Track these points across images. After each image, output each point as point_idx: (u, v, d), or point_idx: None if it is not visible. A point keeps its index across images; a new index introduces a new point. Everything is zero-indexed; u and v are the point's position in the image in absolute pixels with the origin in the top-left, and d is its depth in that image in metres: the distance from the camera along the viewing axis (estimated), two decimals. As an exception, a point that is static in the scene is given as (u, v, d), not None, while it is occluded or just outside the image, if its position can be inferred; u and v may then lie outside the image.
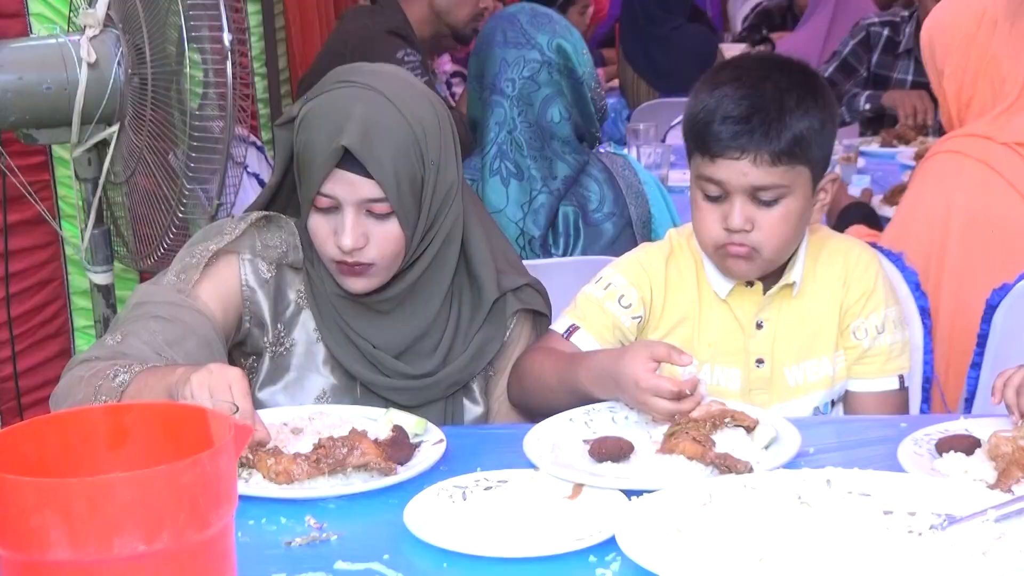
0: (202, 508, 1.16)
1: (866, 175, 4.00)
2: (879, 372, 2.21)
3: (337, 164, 2.01)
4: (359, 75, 2.08)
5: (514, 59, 2.86)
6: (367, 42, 3.83)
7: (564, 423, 1.98)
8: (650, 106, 5.41)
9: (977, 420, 1.92)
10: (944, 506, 1.57)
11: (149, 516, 1.13)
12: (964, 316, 2.60)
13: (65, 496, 1.11)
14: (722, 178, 2.06)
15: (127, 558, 1.13)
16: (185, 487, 1.15)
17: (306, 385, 2.19)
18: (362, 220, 2.04)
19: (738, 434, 1.86)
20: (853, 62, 5.07)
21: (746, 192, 2.06)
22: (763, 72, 2.10)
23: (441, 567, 1.56)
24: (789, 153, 2.04)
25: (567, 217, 2.89)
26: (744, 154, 2.03)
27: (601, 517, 1.64)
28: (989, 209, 2.61)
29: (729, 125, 2.03)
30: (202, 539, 1.17)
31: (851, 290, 2.19)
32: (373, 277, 2.09)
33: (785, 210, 2.07)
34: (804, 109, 2.05)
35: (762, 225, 2.07)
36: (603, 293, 2.22)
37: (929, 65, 2.80)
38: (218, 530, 1.20)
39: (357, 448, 1.81)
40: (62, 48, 2.72)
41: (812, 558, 1.46)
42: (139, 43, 2.77)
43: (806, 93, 2.07)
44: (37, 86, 2.69)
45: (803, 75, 2.12)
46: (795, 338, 2.19)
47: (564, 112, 2.89)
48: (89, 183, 2.94)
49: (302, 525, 1.70)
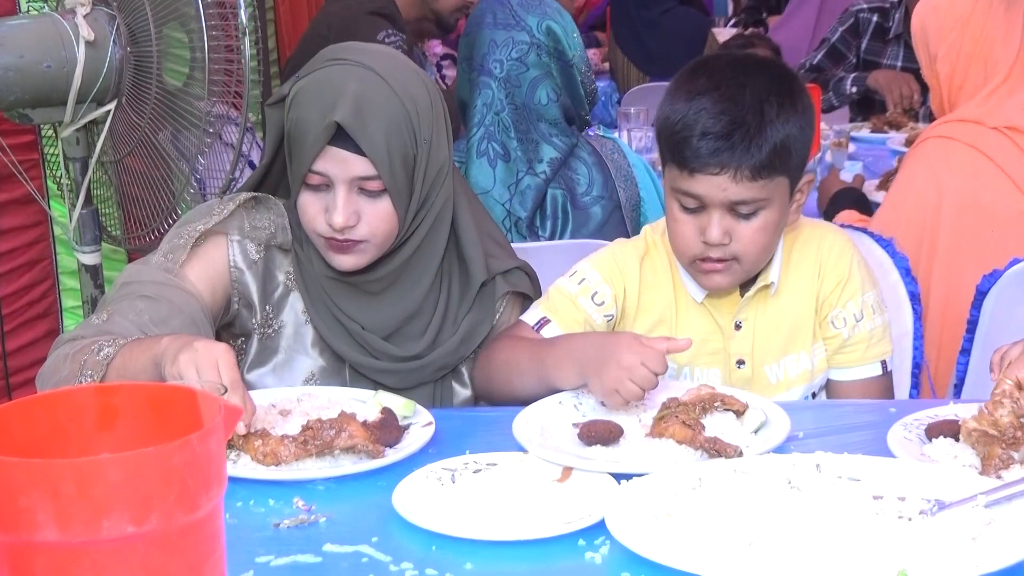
0: (192, 489, 1.15)
1: (858, 161, 4.00)
2: (861, 359, 2.19)
3: (329, 141, 2.00)
4: (351, 53, 2.08)
5: (503, 40, 2.85)
6: (349, 23, 3.83)
7: (554, 406, 1.97)
8: (640, 90, 5.40)
9: (967, 405, 1.91)
10: (934, 491, 1.56)
11: (138, 497, 1.12)
12: (955, 301, 2.60)
13: (53, 477, 1.10)
14: (700, 192, 2.02)
15: (116, 539, 1.12)
16: (175, 468, 1.14)
17: (294, 367, 2.18)
18: (354, 198, 2.03)
19: (728, 418, 1.86)
20: (842, 48, 5.07)
21: (724, 206, 2.02)
22: (740, 78, 2.03)
23: (430, 550, 1.56)
24: (769, 166, 1.99)
25: (555, 200, 2.88)
26: (724, 170, 1.99)
27: (590, 501, 1.64)
28: (979, 195, 2.61)
29: (709, 141, 1.98)
30: (191, 521, 1.17)
31: (826, 280, 2.17)
32: (362, 254, 2.08)
33: (764, 221, 2.04)
34: (784, 118, 2.00)
35: (740, 237, 2.04)
36: (577, 288, 2.19)
37: (921, 50, 2.79)
38: (207, 512, 1.19)
39: (345, 430, 1.80)
40: (57, 26, 2.69)
41: (802, 542, 1.46)
42: (130, 21, 2.75)
43: (785, 99, 2.03)
44: (37, 65, 2.66)
45: (781, 78, 2.08)
46: (774, 336, 2.17)
47: (552, 94, 2.88)
48: (78, 163, 2.93)
49: (290, 507, 1.70)
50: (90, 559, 1.13)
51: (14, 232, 3.16)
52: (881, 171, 3.83)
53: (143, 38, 2.76)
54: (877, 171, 3.88)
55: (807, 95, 2.10)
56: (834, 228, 2.27)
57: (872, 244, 2.55)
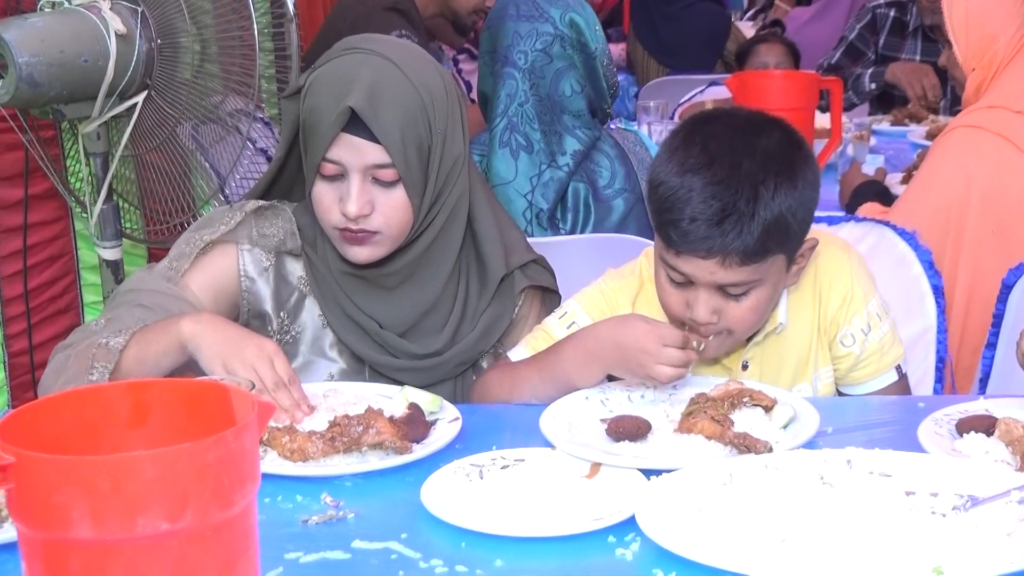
0: (226, 486, 1.15)
1: (879, 154, 3.99)
2: (876, 371, 2.15)
3: (343, 129, 2.00)
4: (367, 43, 2.08)
5: (527, 31, 2.84)
6: (364, 18, 3.84)
7: (580, 402, 1.96)
8: (659, 83, 5.38)
9: (997, 400, 1.91)
10: (967, 487, 1.55)
11: (173, 494, 1.11)
12: (980, 294, 2.59)
13: (88, 474, 1.10)
14: (687, 272, 1.93)
15: (150, 536, 1.11)
16: (209, 465, 1.13)
17: (314, 370, 2.18)
18: (368, 187, 2.03)
19: (756, 413, 1.85)
20: (860, 46, 5.04)
21: (713, 286, 1.94)
22: (738, 153, 1.91)
23: (459, 546, 1.55)
24: (761, 251, 1.90)
25: (577, 193, 2.87)
26: (711, 255, 1.89)
27: (619, 497, 1.63)
28: (1008, 186, 2.59)
29: (698, 226, 1.88)
30: (226, 518, 1.16)
31: (827, 301, 2.10)
32: (378, 246, 2.07)
33: (755, 301, 1.96)
34: (782, 195, 1.89)
35: (730, 316, 1.96)
36: (564, 332, 2.10)
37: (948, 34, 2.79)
38: (241, 509, 1.18)
39: (372, 426, 1.79)
40: (89, 20, 2.69)
41: (835, 539, 1.45)
42: (156, 14, 2.75)
43: (784, 175, 1.91)
44: (76, 59, 2.65)
45: (781, 146, 1.95)
46: (781, 371, 2.12)
47: (577, 86, 2.87)
48: (99, 158, 2.93)
49: (318, 503, 1.69)
50: (125, 556, 1.12)
51: (36, 227, 3.16)
52: (903, 164, 3.81)
53: (167, 30, 2.75)
54: (899, 164, 3.87)
55: (812, 163, 1.99)
56: (826, 235, 2.15)
57: (895, 237, 2.53)
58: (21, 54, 2.54)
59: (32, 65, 2.56)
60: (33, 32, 2.58)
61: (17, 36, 2.55)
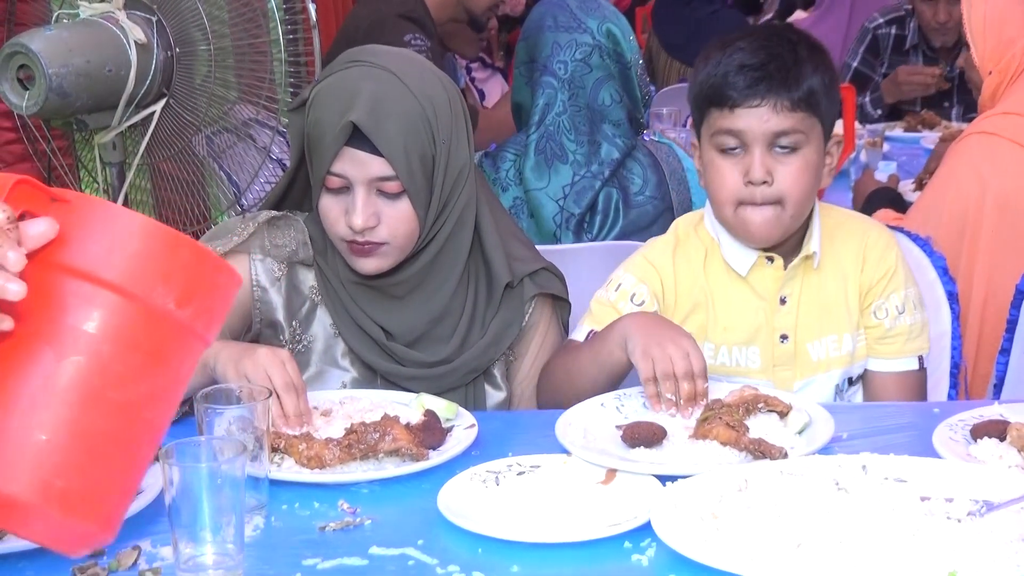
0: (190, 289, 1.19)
1: (892, 160, 3.98)
2: (899, 352, 2.21)
3: (347, 142, 2.01)
4: (369, 55, 2.09)
5: (566, 42, 2.87)
6: (377, 25, 3.84)
7: (595, 408, 1.97)
8: (672, 90, 5.37)
9: (1012, 406, 1.91)
10: (982, 492, 1.56)
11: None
12: (994, 300, 2.59)
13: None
14: (741, 127, 2.07)
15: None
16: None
17: (327, 380, 2.18)
18: (373, 200, 2.04)
19: (771, 419, 1.85)
20: (866, 71, 4.99)
21: (766, 141, 2.07)
22: (772, 31, 2.20)
23: (476, 552, 1.56)
24: (806, 100, 2.06)
25: (609, 197, 2.89)
26: (764, 100, 2.06)
27: (635, 502, 1.64)
28: (1022, 191, 2.59)
29: (747, 73, 2.06)
30: (179, 317, 1.18)
31: (870, 270, 2.19)
32: (385, 257, 2.08)
33: (803, 160, 2.08)
34: (815, 64, 2.09)
35: (783, 175, 2.08)
36: (615, 295, 2.21)
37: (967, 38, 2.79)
38: (189, 318, 1.19)
39: (389, 434, 1.80)
40: (109, 29, 2.70)
41: (850, 544, 1.46)
42: (173, 23, 2.76)
43: (813, 51, 2.12)
44: (101, 69, 2.65)
45: (808, 37, 2.18)
46: (817, 313, 2.19)
47: (616, 95, 2.89)
48: (114, 167, 2.94)
49: (335, 510, 1.70)
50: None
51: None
52: (916, 170, 3.81)
53: (184, 39, 2.77)
54: (911, 170, 3.86)
55: (832, 63, 2.19)
56: (879, 225, 2.30)
57: (909, 243, 2.53)
58: (50, 65, 2.55)
59: (61, 76, 2.57)
60: (59, 43, 2.59)
61: (44, 47, 2.56)
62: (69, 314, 1.15)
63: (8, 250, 1.12)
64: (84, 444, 1.15)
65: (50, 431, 1.14)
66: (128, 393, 1.17)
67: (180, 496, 1.49)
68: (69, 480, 1.14)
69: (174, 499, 1.49)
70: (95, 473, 1.17)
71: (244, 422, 1.69)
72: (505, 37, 6.42)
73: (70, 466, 1.14)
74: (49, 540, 1.18)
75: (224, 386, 1.79)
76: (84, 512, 1.16)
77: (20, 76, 2.62)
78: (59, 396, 1.14)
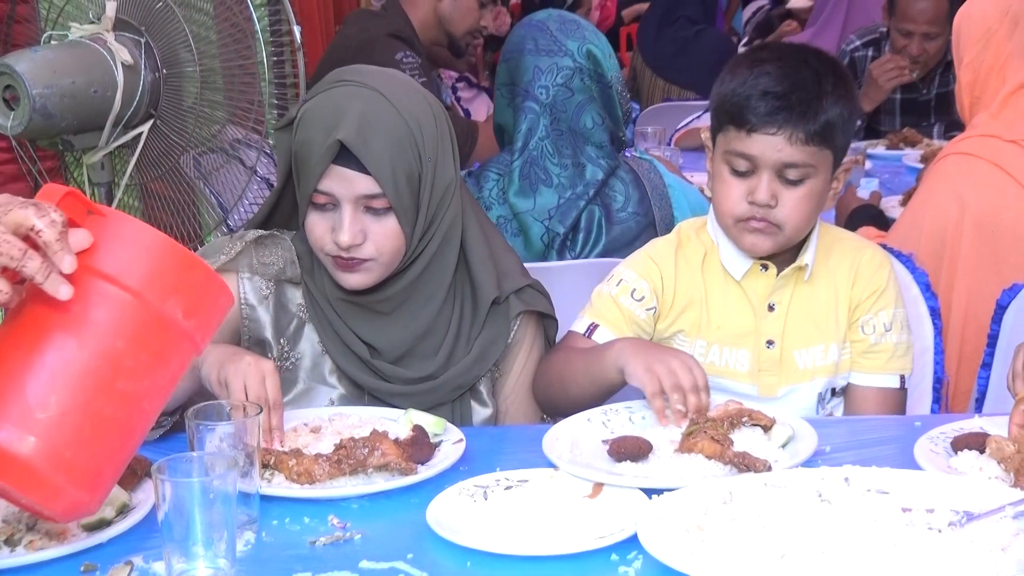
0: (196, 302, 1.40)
1: (874, 178, 4.02)
2: (882, 368, 2.23)
3: (334, 160, 2.03)
4: (356, 75, 2.11)
5: (547, 66, 2.88)
6: (367, 45, 3.86)
7: (582, 423, 1.99)
8: (656, 109, 5.41)
9: (992, 419, 1.93)
10: (962, 503, 1.58)
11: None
12: (975, 316, 2.62)
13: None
14: (755, 153, 2.10)
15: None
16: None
17: (314, 397, 2.20)
18: (360, 217, 2.06)
19: (755, 433, 1.88)
20: None
21: (775, 168, 2.10)
22: (801, 56, 2.17)
23: (465, 566, 1.58)
24: (821, 135, 2.09)
25: (592, 215, 2.90)
26: (780, 130, 2.08)
27: (622, 516, 1.66)
28: (1001, 212, 2.62)
29: (770, 100, 2.08)
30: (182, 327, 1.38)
31: (862, 286, 2.22)
32: (369, 272, 2.10)
33: (809, 190, 2.12)
34: (836, 96, 2.11)
35: (786, 202, 2.11)
36: (616, 290, 2.26)
37: (955, 51, 2.83)
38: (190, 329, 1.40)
39: (378, 449, 1.82)
40: (96, 51, 2.72)
41: (833, 555, 1.48)
42: (161, 45, 2.79)
43: (839, 81, 2.14)
44: (87, 90, 2.67)
45: (835, 65, 2.20)
46: (805, 322, 2.22)
47: (598, 117, 2.90)
48: (103, 187, 2.96)
49: (325, 525, 1.72)
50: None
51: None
52: (898, 187, 3.84)
53: (172, 60, 2.79)
54: (894, 188, 3.89)
55: (854, 87, 2.22)
56: (875, 245, 2.33)
57: (892, 260, 2.56)
58: (34, 85, 2.57)
59: (45, 96, 2.59)
60: (44, 64, 2.61)
61: (28, 68, 2.58)
62: (93, 310, 1.34)
63: (65, 254, 1.32)
64: (92, 424, 1.34)
65: (66, 408, 1.32)
66: (134, 385, 1.36)
67: (172, 511, 1.51)
68: (76, 453, 1.33)
69: (166, 514, 1.51)
70: (97, 451, 1.35)
71: (235, 438, 1.71)
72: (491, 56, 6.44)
73: (79, 441, 1.33)
74: (45, 503, 1.35)
75: (215, 403, 1.80)
76: (83, 483, 1.35)
77: (6, 96, 2.64)
78: (77, 379, 1.33)
